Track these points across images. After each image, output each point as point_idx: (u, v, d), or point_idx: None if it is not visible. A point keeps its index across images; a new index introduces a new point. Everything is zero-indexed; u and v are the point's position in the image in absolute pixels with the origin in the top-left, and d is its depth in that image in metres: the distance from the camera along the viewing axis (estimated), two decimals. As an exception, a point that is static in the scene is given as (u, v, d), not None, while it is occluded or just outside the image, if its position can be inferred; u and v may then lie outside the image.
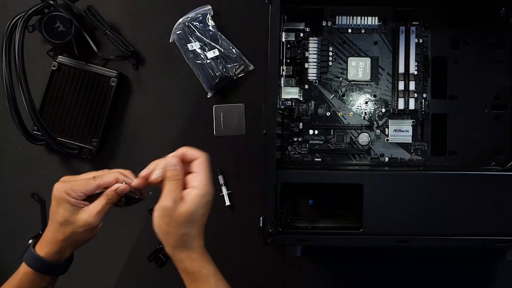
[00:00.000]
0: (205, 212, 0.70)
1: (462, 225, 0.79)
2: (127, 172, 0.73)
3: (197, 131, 0.96)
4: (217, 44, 0.95)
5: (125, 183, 0.71)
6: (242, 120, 0.97)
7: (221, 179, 0.95)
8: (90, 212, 0.70)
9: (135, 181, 0.71)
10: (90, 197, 0.72)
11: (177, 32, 0.94)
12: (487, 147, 0.91)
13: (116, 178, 0.71)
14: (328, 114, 0.93)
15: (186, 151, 0.71)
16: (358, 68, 0.92)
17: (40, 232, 0.74)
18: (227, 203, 0.95)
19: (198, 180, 0.69)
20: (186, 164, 0.71)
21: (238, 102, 0.97)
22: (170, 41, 0.95)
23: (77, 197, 0.70)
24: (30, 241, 0.73)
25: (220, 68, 0.94)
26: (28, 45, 0.85)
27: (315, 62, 0.91)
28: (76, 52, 0.94)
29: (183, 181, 0.70)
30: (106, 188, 0.71)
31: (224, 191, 0.95)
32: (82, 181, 0.71)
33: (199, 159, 0.71)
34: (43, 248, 0.71)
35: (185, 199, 0.69)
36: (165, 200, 0.68)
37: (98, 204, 0.71)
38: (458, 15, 0.91)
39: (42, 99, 0.95)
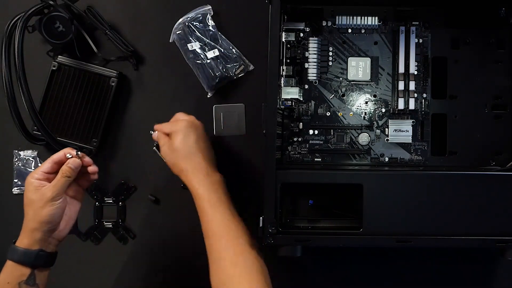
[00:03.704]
0: (193, 138, 0.85)
1: (462, 225, 0.79)
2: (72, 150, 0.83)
3: (197, 131, 0.96)
4: (217, 44, 0.95)
5: (73, 156, 0.82)
6: (242, 120, 0.97)
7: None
8: (47, 186, 0.79)
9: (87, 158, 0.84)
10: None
11: (177, 32, 0.94)
12: (487, 147, 0.91)
13: (64, 153, 0.82)
14: (328, 114, 0.93)
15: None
16: (358, 68, 0.91)
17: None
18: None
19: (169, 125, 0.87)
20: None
21: (238, 102, 0.97)
22: (170, 41, 0.95)
23: (39, 177, 0.80)
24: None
25: (220, 68, 0.94)
26: (28, 45, 0.85)
27: (315, 62, 0.91)
28: (77, 52, 0.94)
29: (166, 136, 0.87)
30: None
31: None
32: (40, 165, 0.83)
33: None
34: (22, 240, 0.79)
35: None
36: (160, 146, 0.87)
37: (54, 180, 0.80)
38: (458, 15, 0.91)
39: (42, 99, 0.95)
